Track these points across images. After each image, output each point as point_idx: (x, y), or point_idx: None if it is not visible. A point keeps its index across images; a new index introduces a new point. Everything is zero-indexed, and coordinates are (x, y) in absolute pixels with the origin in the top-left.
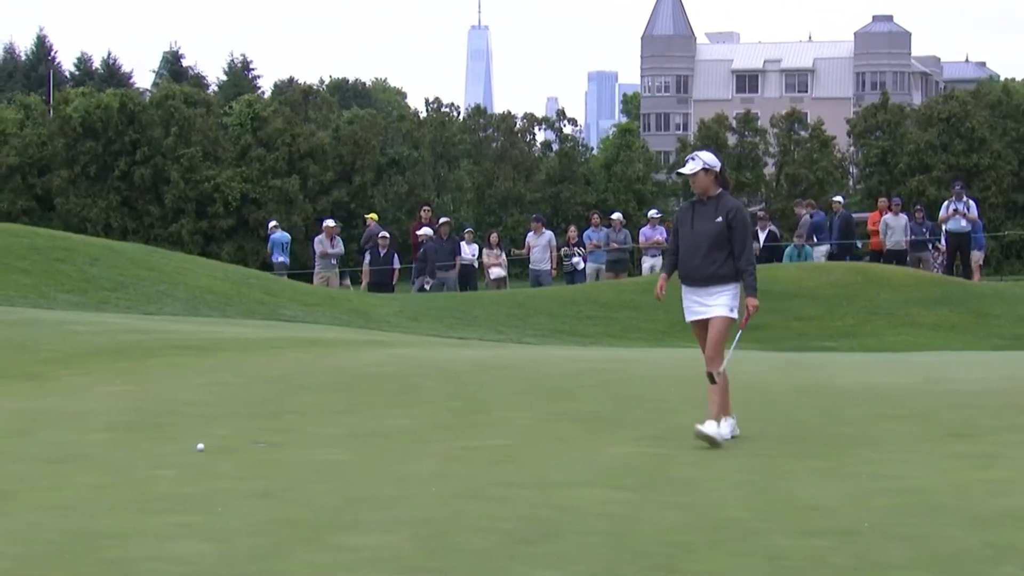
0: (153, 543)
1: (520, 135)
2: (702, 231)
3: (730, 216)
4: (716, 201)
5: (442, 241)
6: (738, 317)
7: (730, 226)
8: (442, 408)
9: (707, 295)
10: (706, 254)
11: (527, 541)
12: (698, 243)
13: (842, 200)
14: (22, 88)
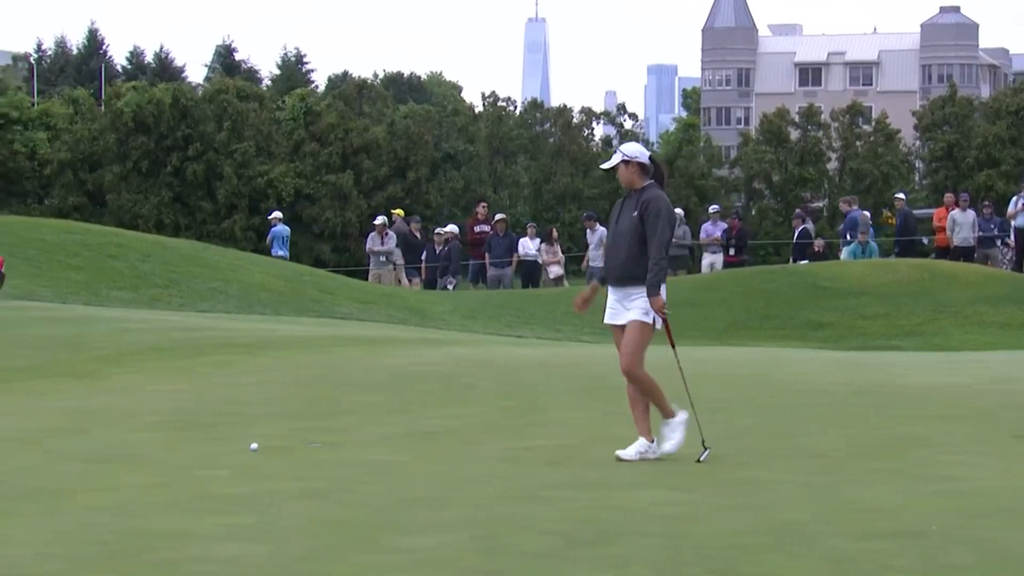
0: (205, 544)
1: (578, 130)
2: (622, 228)
3: (643, 209)
4: (638, 195)
5: (499, 237)
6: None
7: (642, 219)
8: (498, 408)
9: (625, 297)
10: (626, 253)
11: (584, 543)
12: (618, 241)
13: (904, 197)
14: (73, 82)
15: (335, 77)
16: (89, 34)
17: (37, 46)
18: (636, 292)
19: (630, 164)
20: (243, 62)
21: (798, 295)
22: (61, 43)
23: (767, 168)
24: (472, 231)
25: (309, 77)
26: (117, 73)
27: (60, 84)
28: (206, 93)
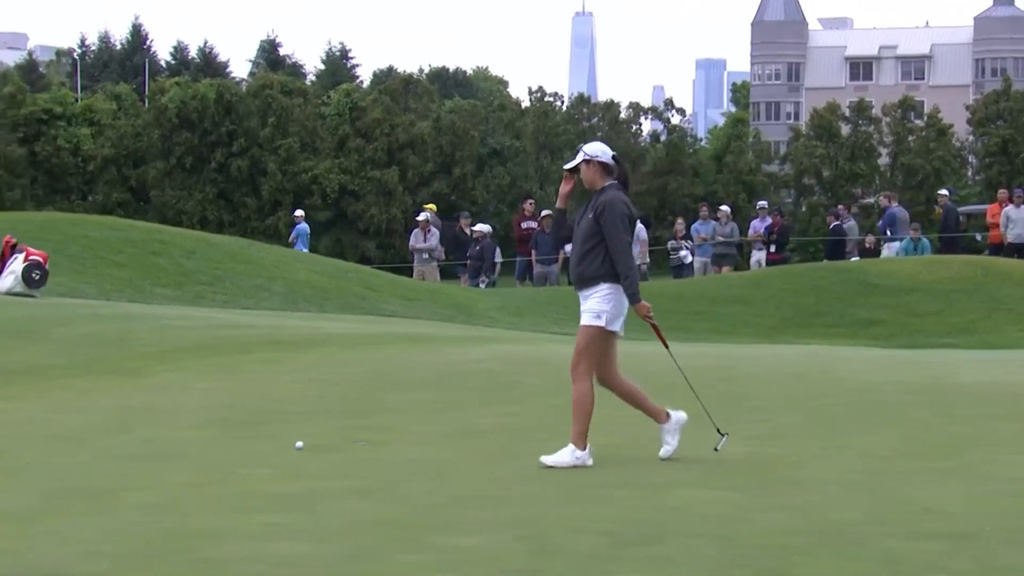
0: (249, 543)
1: (625, 125)
2: (580, 230)
3: (598, 211)
4: (597, 195)
5: (545, 234)
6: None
7: (598, 221)
8: (545, 406)
9: (582, 298)
10: (580, 254)
11: (631, 543)
12: (576, 243)
13: (947, 193)
14: (117, 78)
15: (380, 72)
16: (133, 29)
17: (81, 41)
18: (587, 292)
19: (591, 163)
20: (287, 57)
21: (849, 292)
22: (105, 38)
23: (817, 163)
24: (519, 227)
25: (354, 72)
26: (161, 68)
27: (104, 80)
28: (250, 88)
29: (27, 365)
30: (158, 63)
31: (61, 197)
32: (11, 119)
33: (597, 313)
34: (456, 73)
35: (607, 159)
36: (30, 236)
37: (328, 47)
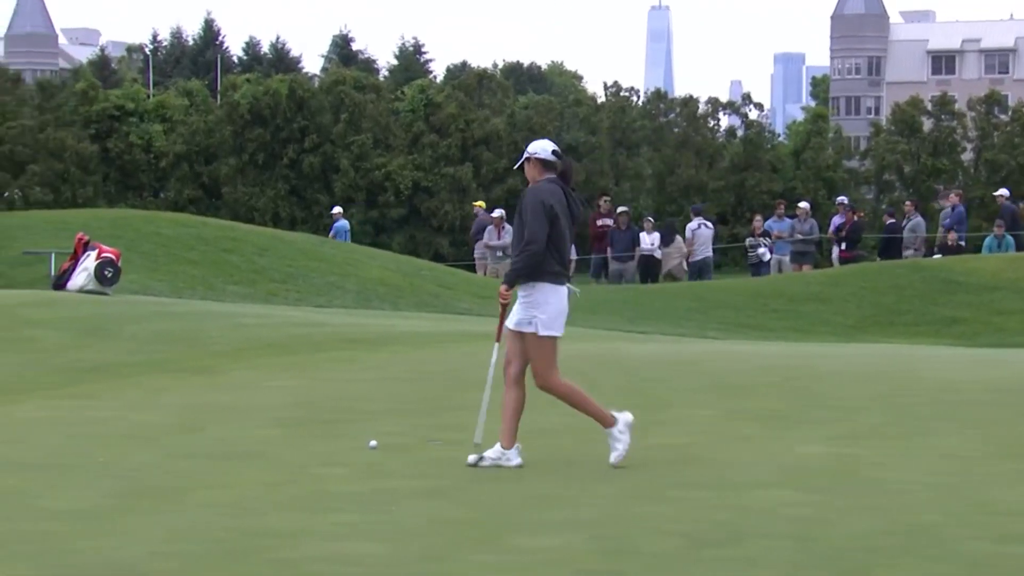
0: (323, 543)
1: (703, 120)
2: (515, 228)
3: (520, 205)
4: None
5: (621, 231)
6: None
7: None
8: (620, 405)
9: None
10: (514, 253)
11: (709, 544)
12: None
13: (1007, 193)
14: (189, 74)
15: (454, 67)
16: (205, 25)
17: (153, 37)
18: (521, 293)
19: (531, 161)
20: (360, 52)
21: (930, 290)
22: (177, 34)
23: (898, 159)
24: (594, 225)
25: (427, 67)
26: (233, 64)
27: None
28: (323, 84)
29: (99, 363)
30: (230, 59)
31: (133, 194)
32: (83, 116)
33: (529, 320)
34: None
35: (546, 155)
36: (103, 233)
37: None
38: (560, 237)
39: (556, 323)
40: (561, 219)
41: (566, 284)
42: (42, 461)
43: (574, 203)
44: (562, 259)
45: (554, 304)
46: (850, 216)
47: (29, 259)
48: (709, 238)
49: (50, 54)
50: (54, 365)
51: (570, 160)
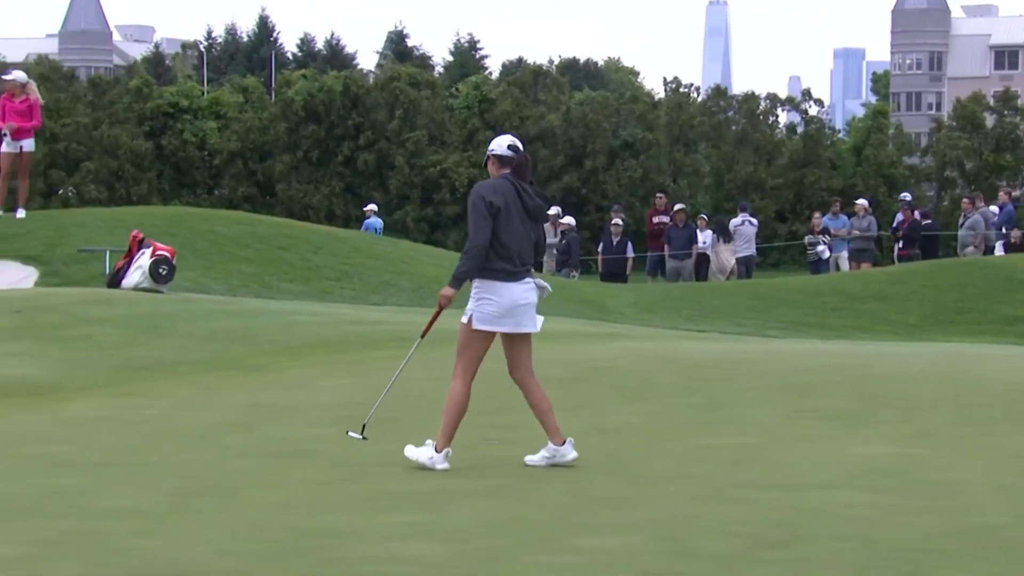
0: (380, 543)
1: (762, 117)
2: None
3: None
4: None
5: (678, 228)
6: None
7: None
8: (680, 404)
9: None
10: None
11: (771, 545)
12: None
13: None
14: (244, 71)
15: (509, 63)
16: (260, 21)
17: (207, 34)
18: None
19: (490, 158)
20: (415, 48)
21: (993, 288)
22: (231, 31)
23: (960, 155)
24: (651, 222)
25: (483, 64)
26: (287, 61)
27: (230, 72)
28: (378, 81)
29: (154, 361)
30: (284, 56)
31: (187, 191)
32: (137, 113)
33: (467, 311)
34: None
35: (502, 151)
36: (157, 231)
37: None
38: (510, 233)
39: (497, 320)
40: (511, 214)
41: (523, 281)
42: (97, 460)
43: (527, 197)
44: (511, 255)
45: (496, 301)
46: (908, 214)
47: (84, 257)
48: (753, 235)
49: (104, 51)
50: (109, 363)
51: (526, 154)
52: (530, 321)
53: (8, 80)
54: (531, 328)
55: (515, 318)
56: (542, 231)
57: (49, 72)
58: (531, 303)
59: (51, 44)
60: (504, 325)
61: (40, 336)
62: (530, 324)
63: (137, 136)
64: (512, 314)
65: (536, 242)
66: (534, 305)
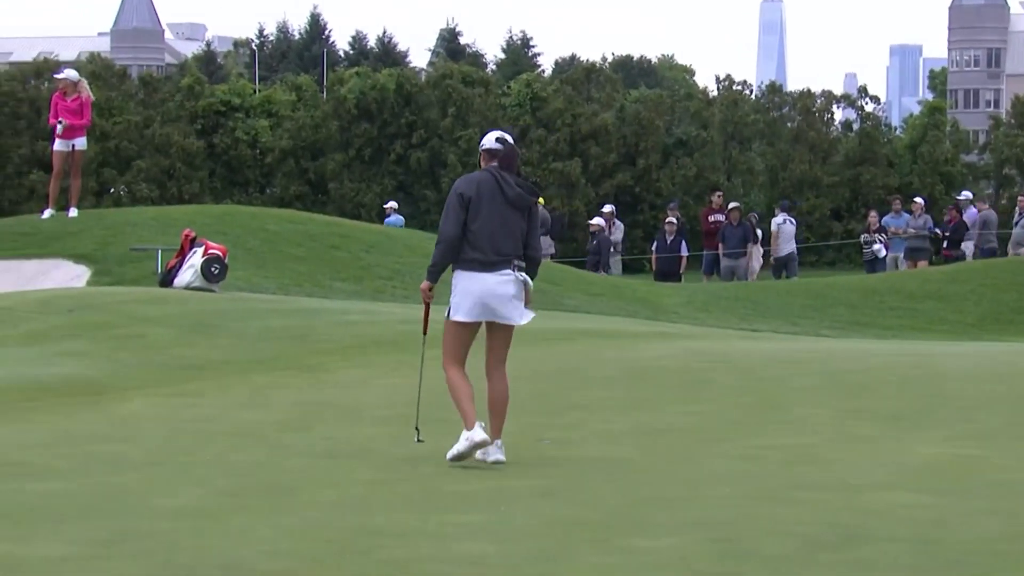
0: (434, 543)
1: (817, 114)
2: None
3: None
4: None
5: (733, 227)
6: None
7: None
8: (734, 404)
9: None
10: None
11: (827, 547)
12: None
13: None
14: (295, 68)
15: (562, 61)
16: (311, 19)
17: (259, 32)
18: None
19: (482, 154)
20: (468, 46)
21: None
22: (283, 28)
23: (1019, 153)
24: (706, 221)
25: (535, 61)
26: (339, 59)
27: (281, 70)
28: (430, 79)
29: (206, 360)
30: (336, 53)
31: (239, 190)
32: (189, 111)
33: (449, 306)
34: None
35: (491, 144)
36: (209, 229)
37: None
38: (484, 223)
39: (466, 309)
40: (488, 204)
41: (499, 271)
42: (151, 459)
43: (507, 186)
44: (484, 245)
45: (465, 290)
46: (955, 215)
47: (136, 256)
48: (792, 233)
49: (156, 49)
50: (161, 362)
51: (512, 146)
52: (508, 312)
53: (60, 78)
54: (509, 319)
55: (490, 308)
56: (533, 222)
57: (101, 70)
58: (508, 294)
59: (103, 42)
60: (477, 315)
61: (92, 335)
62: (508, 315)
63: (189, 134)
64: (485, 304)
65: (529, 232)
66: (513, 296)
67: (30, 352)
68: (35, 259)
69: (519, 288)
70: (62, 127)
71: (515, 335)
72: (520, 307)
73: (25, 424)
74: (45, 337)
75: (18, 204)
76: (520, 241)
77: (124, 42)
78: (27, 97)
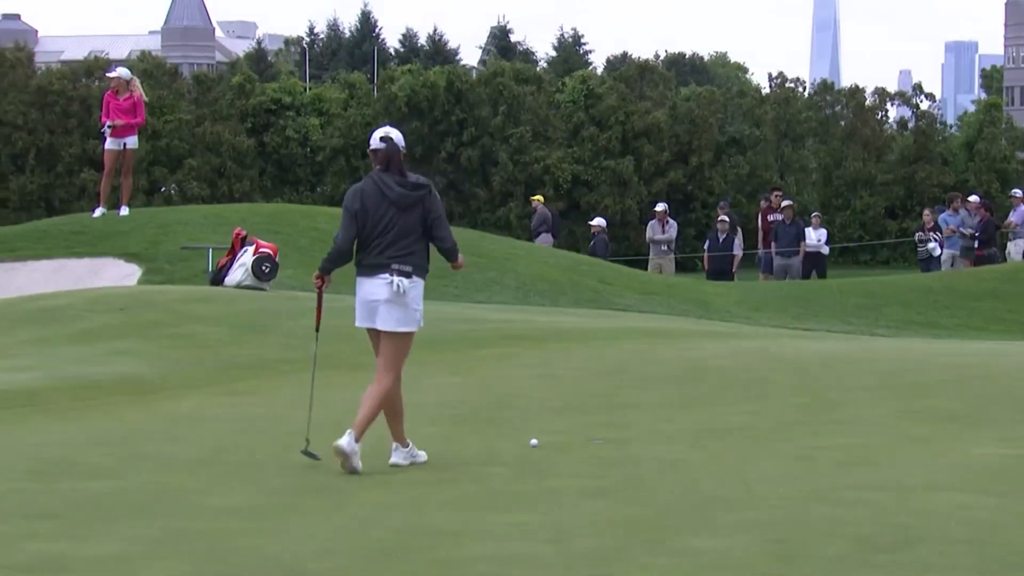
0: (487, 542)
1: (871, 112)
2: None
3: None
4: None
5: (786, 225)
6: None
7: None
8: (788, 404)
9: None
10: None
11: (883, 548)
12: None
13: None
14: (346, 66)
15: (614, 58)
16: (362, 16)
17: (309, 29)
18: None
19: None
20: (519, 44)
21: None
22: (334, 26)
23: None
24: (764, 219)
25: (587, 59)
26: (390, 56)
27: (332, 68)
28: (481, 76)
29: (257, 359)
30: (387, 51)
31: (290, 188)
32: (240, 109)
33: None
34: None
35: (375, 144)
36: (260, 228)
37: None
38: (371, 229)
39: (357, 315)
40: (373, 211)
41: (378, 276)
42: (203, 458)
43: (387, 189)
44: (369, 250)
45: (357, 296)
46: (984, 214)
47: (187, 254)
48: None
49: (207, 47)
50: (212, 361)
51: (392, 144)
52: (381, 318)
53: (113, 77)
54: (381, 325)
55: (367, 313)
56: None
57: (152, 68)
58: (380, 299)
59: (154, 40)
60: (362, 319)
61: (144, 334)
62: (381, 322)
63: (239, 133)
64: (366, 309)
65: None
66: (385, 302)
67: (82, 351)
68: (86, 258)
69: (392, 293)
70: (113, 127)
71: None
72: (396, 313)
73: (77, 423)
74: (96, 336)
75: (69, 203)
76: (417, 240)
77: (175, 40)
78: (78, 96)
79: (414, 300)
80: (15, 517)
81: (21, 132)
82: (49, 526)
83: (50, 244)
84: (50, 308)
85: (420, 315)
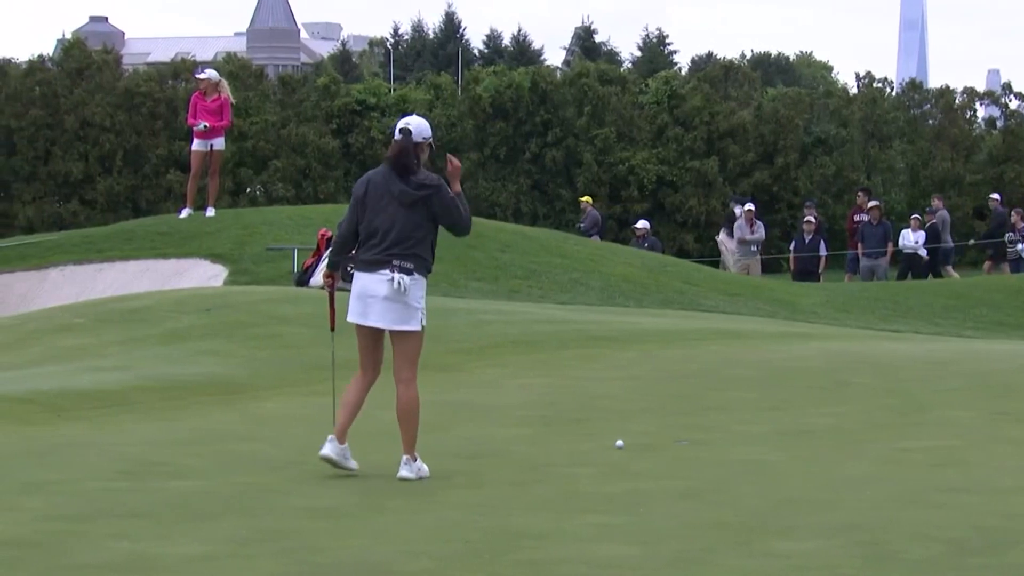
0: (573, 544)
1: (959, 111)
2: None
3: None
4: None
5: (872, 226)
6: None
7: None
8: (875, 406)
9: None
10: None
11: (974, 551)
12: None
13: None
14: (430, 67)
15: (699, 58)
16: (446, 18)
17: (394, 31)
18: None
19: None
20: (603, 44)
21: None
22: (418, 27)
23: None
24: (852, 220)
25: (672, 59)
26: (474, 57)
27: (416, 69)
28: (566, 77)
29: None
30: (471, 51)
31: None
32: (325, 111)
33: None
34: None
35: (395, 135)
36: None
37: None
38: (373, 222)
39: (349, 310)
40: (377, 203)
41: (378, 271)
42: (290, 458)
43: (392, 183)
44: (371, 244)
45: (352, 291)
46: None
47: (272, 255)
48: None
49: (292, 49)
50: (298, 362)
51: (404, 139)
52: (376, 315)
53: (202, 79)
54: (376, 323)
55: (363, 309)
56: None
57: (238, 70)
58: (378, 295)
59: (239, 42)
60: (355, 316)
61: (230, 334)
62: (377, 319)
63: (324, 134)
64: (361, 304)
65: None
66: (383, 299)
67: (168, 351)
68: (173, 259)
69: (392, 291)
70: (201, 129)
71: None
72: (394, 311)
73: (164, 423)
74: (183, 336)
75: (156, 204)
76: (421, 238)
77: (260, 42)
78: (164, 97)
79: (415, 298)
80: (104, 516)
81: (108, 134)
82: (137, 525)
83: (137, 245)
84: (137, 309)
85: (423, 314)
